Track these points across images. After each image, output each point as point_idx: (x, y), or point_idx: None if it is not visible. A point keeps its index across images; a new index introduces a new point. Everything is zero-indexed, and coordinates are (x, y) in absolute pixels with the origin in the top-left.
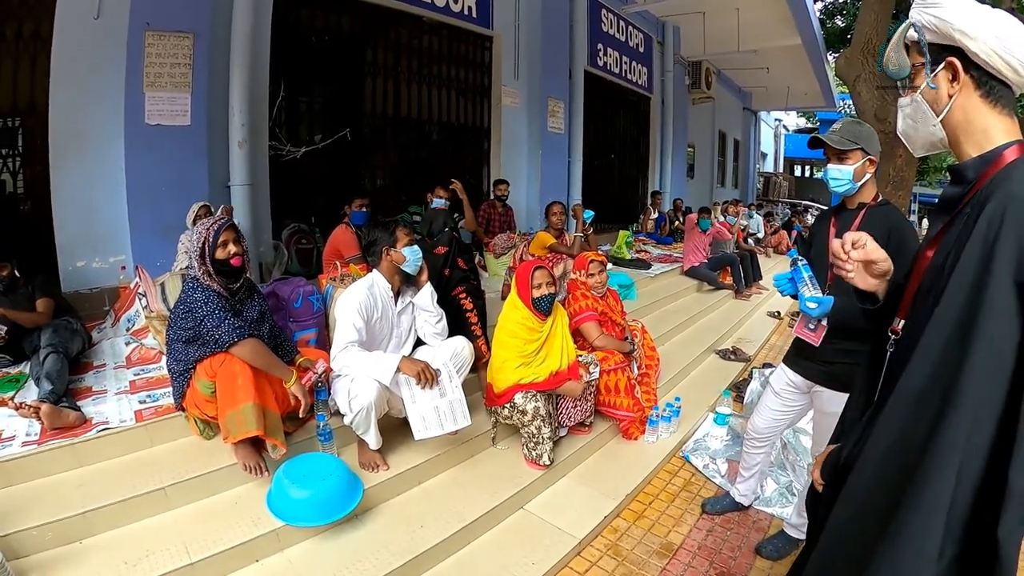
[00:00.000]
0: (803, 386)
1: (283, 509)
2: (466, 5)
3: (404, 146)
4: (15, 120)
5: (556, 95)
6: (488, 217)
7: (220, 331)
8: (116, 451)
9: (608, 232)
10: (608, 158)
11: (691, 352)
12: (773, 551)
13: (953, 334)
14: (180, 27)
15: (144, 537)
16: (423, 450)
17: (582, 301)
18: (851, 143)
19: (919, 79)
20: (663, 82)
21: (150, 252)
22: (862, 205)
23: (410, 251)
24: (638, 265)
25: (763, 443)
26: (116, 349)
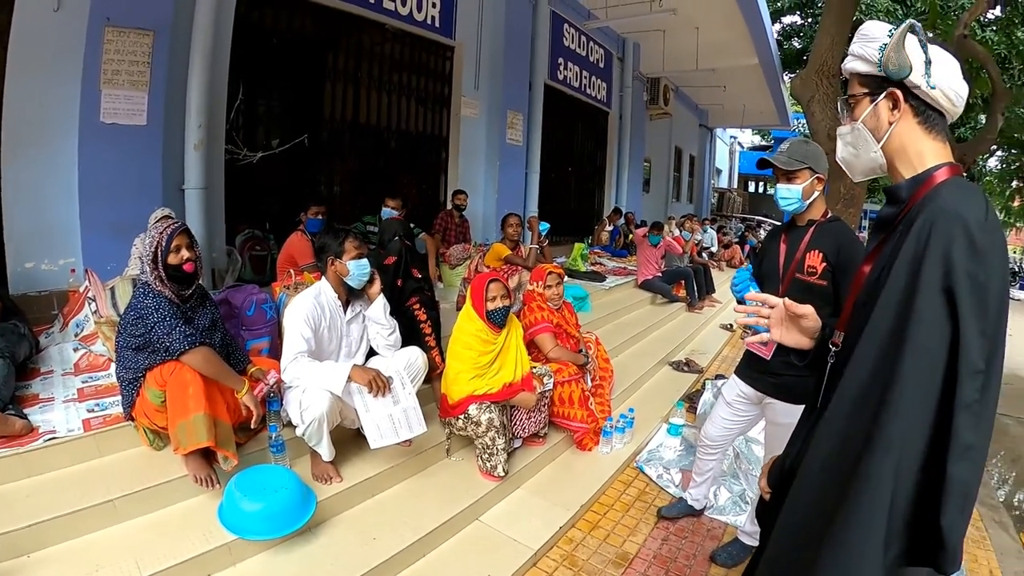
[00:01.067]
0: (754, 397)
1: (235, 522)
2: (429, 14)
3: (362, 153)
4: None
5: (516, 107)
6: (445, 227)
7: (171, 339)
8: (64, 461)
9: (564, 244)
10: (565, 171)
11: (645, 364)
12: (728, 558)
13: (886, 342)
14: (141, 24)
15: (93, 551)
16: (377, 462)
17: (537, 313)
18: (799, 163)
19: (860, 108)
20: (622, 97)
21: (101, 255)
22: (812, 222)
23: (355, 265)
24: (593, 278)
25: (715, 451)
26: (64, 355)
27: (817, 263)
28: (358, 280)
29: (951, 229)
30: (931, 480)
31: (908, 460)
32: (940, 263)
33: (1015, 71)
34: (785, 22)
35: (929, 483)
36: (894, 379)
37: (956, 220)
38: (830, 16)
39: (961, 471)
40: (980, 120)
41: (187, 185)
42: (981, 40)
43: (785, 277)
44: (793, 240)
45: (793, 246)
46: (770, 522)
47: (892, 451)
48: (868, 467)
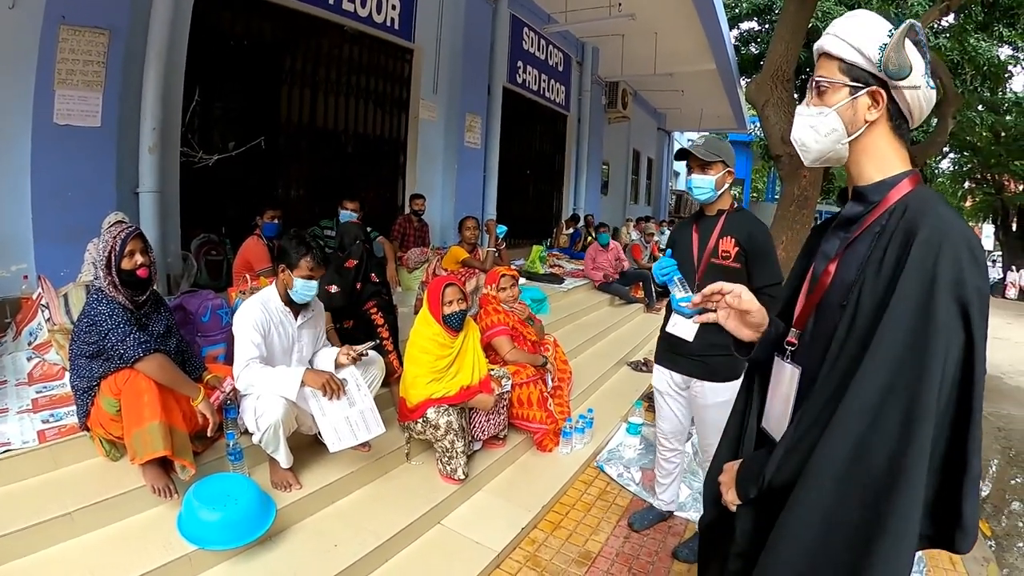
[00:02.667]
0: (681, 382)
1: (194, 532)
2: (389, 16)
3: (319, 157)
4: None
5: (474, 110)
6: (403, 231)
7: (125, 346)
8: (18, 474)
9: (522, 247)
10: (524, 174)
11: (603, 364)
12: (690, 554)
13: (907, 353)
14: (97, 23)
15: (50, 566)
16: (336, 467)
17: (494, 316)
18: (714, 156)
19: (834, 96)
20: (580, 101)
21: (54, 260)
22: (721, 211)
23: (303, 284)
24: (551, 280)
25: (673, 445)
26: (17, 364)
27: (730, 248)
28: (300, 297)
29: (960, 247)
30: (953, 473)
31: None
32: (953, 278)
33: (967, 76)
34: (743, 28)
35: (950, 476)
36: (921, 383)
37: (963, 239)
38: (785, 24)
39: (977, 462)
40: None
41: (141, 188)
42: (934, 47)
43: (700, 262)
44: (705, 228)
45: (706, 234)
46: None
47: (925, 452)
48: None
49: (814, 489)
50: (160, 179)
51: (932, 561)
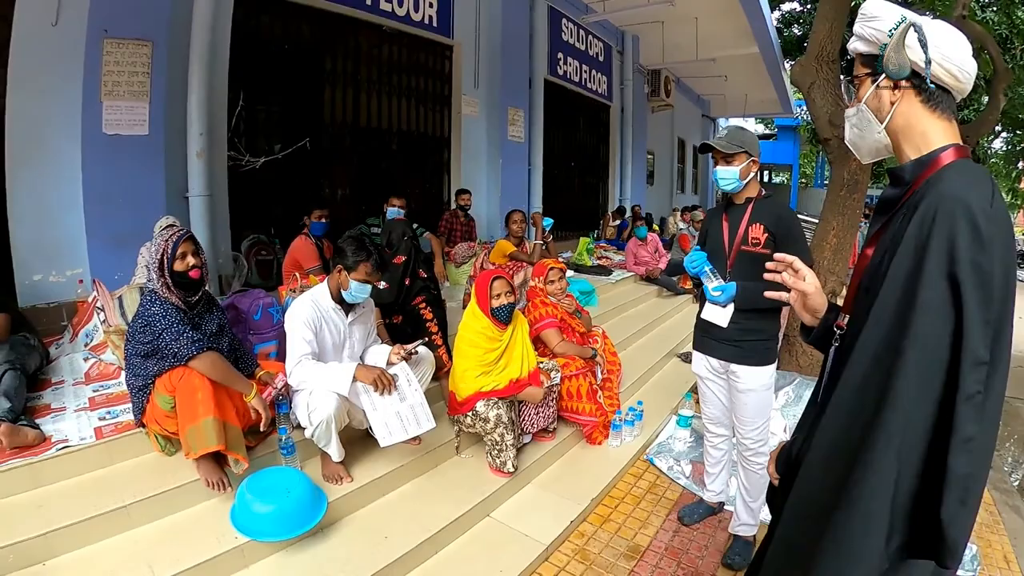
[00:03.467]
0: (719, 367)
1: (247, 524)
2: (426, 14)
3: (364, 156)
4: None
5: (516, 104)
6: (450, 227)
7: (178, 344)
8: (76, 470)
9: (569, 239)
10: (568, 166)
11: (652, 356)
12: (741, 560)
13: (889, 330)
14: (138, 35)
15: (107, 557)
16: (387, 461)
17: (542, 308)
18: (737, 147)
19: (863, 89)
20: (623, 90)
21: (107, 265)
22: (749, 199)
23: (357, 287)
24: (599, 271)
25: (720, 431)
26: (75, 365)
27: (760, 234)
28: (352, 299)
29: (956, 216)
30: (932, 472)
31: (909, 450)
32: (944, 251)
33: (1016, 51)
34: (784, 9)
35: (930, 475)
36: (896, 368)
37: (961, 207)
38: (827, 2)
39: (961, 464)
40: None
41: (191, 193)
42: (980, 21)
43: (731, 251)
44: (734, 217)
45: (735, 222)
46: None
47: (893, 440)
48: (869, 456)
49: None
50: (209, 183)
51: (987, 560)
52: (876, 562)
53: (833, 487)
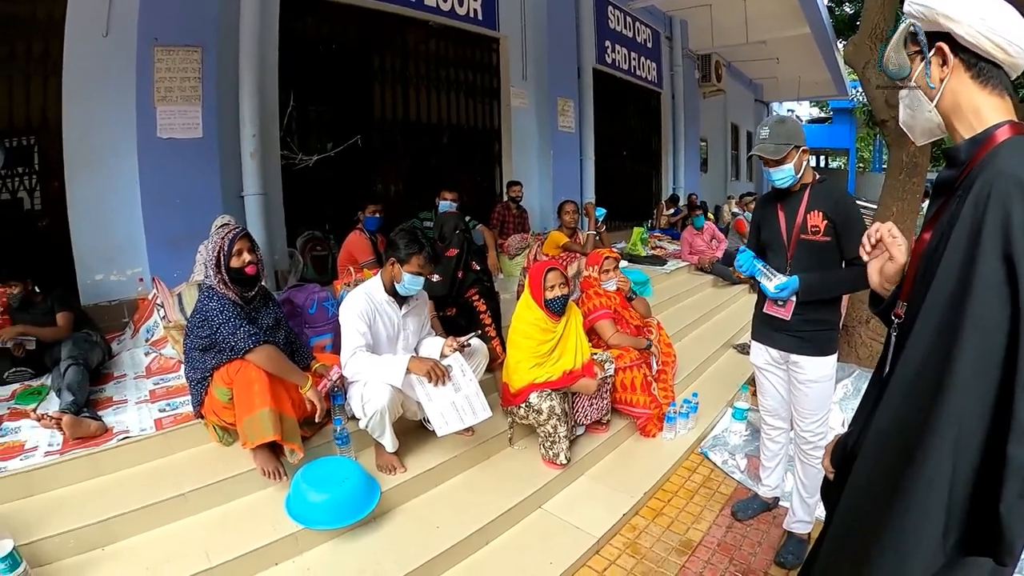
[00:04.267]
0: (779, 358)
1: (301, 513)
2: (471, 7)
3: (415, 151)
4: (30, 138)
5: (565, 94)
6: (503, 219)
7: (236, 338)
8: (137, 459)
9: (622, 229)
10: (620, 155)
11: (708, 347)
12: (794, 559)
13: (945, 314)
14: (188, 41)
15: (165, 543)
16: (440, 452)
17: (596, 299)
18: (783, 148)
19: (914, 71)
20: (673, 77)
21: (166, 263)
22: (804, 186)
23: (411, 279)
24: (653, 262)
25: (777, 424)
26: (136, 359)
27: (819, 222)
28: (406, 291)
29: (1011, 194)
30: (990, 462)
31: (967, 439)
32: (999, 231)
33: None
34: None
35: (988, 466)
36: (953, 353)
37: (1016, 184)
38: None
39: (1021, 454)
40: None
41: (246, 192)
42: None
43: (790, 241)
44: (790, 205)
45: (792, 211)
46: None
47: (950, 428)
48: (925, 446)
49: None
50: (263, 182)
51: None
52: (932, 558)
53: (888, 479)
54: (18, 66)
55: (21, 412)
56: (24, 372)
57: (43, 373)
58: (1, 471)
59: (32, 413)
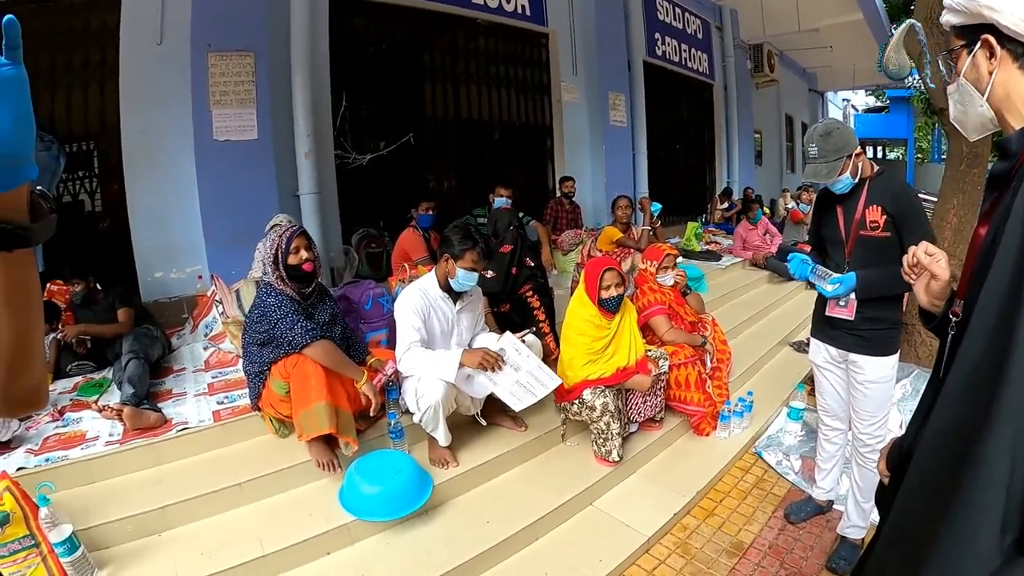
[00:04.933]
0: (838, 357)
1: (354, 504)
2: (519, 4)
3: (467, 148)
4: (90, 143)
5: (616, 88)
6: (555, 215)
7: (293, 333)
8: (194, 449)
9: (676, 224)
10: (673, 149)
11: (763, 345)
12: (845, 564)
13: (1001, 310)
14: (240, 46)
15: (220, 530)
16: (493, 447)
17: (651, 295)
18: (836, 162)
19: (960, 62)
20: (724, 68)
21: (224, 261)
22: (862, 180)
23: (464, 275)
24: (708, 257)
25: (835, 425)
26: (195, 354)
27: (878, 217)
28: (460, 287)
29: None
30: None
31: None
32: None
33: None
34: None
35: None
36: (1009, 348)
37: None
38: None
39: None
40: None
41: (301, 191)
42: None
43: (849, 237)
44: (848, 201)
45: (850, 206)
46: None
47: (1008, 425)
48: (982, 443)
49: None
50: (318, 181)
51: None
52: (989, 557)
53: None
54: (76, 75)
55: (83, 404)
56: (86, 365)
57: (105, 367)
58: (63, 459)
59: (93, 405)
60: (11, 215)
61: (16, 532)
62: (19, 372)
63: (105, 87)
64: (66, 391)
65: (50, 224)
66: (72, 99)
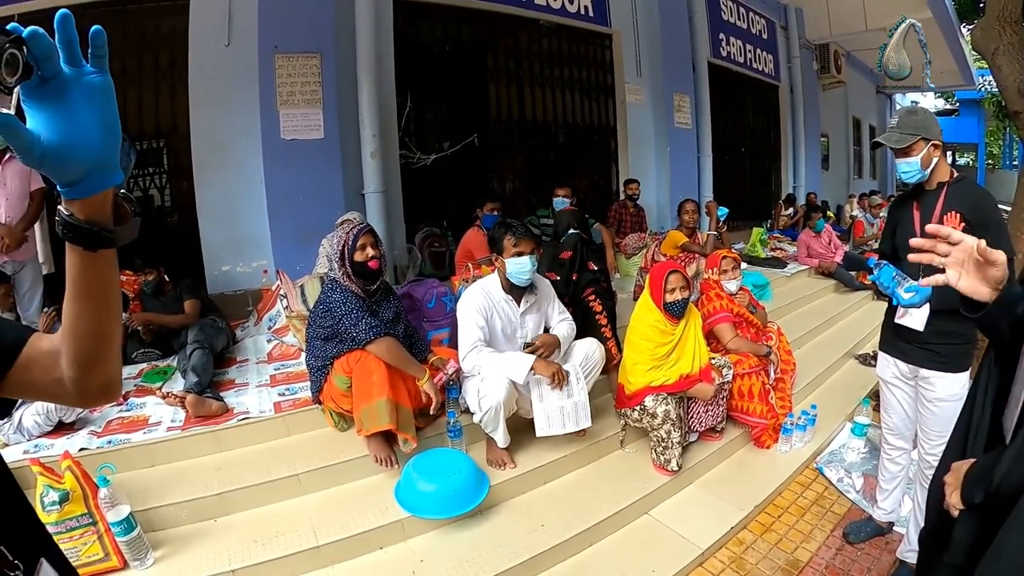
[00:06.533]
0: (908, 372)
1: (410, 501)
2: (582, 5)
3: (531, 149)
4: (160, 141)
5: (681, 89)
6: (619, 218)
7: (357, 329)
8: (254, 439)
9: (741, 229)
10: (738, 152)
11: (828, 357)
12: None
13: None
14: (307, 48)
15: (275, 519)
16: (551, 450)
17: (716, 302)
18: (911, 136)
19: None
20: (790, 68)
21: (289, 257)
22: (941, 184)
23: (513, 263)
24: (773, 264)
25: (900, 443)
26: (258, 346)
27: (956, 224)
28: (518, 279)
29: None
30: None
31: None
32: None
33: None
34: None
35: None
36: None
37: None
38: None
39: None
40: None
41: (367, 190)
42: None
43: None
44: (926, 205)
45: (928, 211)
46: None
47: None
48: None
49: None
50: (383, 180)
51: None
52: None
53: None
54: (147, 76)
55: (147, 390)
56: (152, 353)
57: (170, 355)
58: (125, 442)
59: (157, 392)
60: (97, 217)
61: (74, 510)
62: (95, 365)
63: (175, 88)
64: (130, 377)
65: (134, 227)
66: (143, 100)
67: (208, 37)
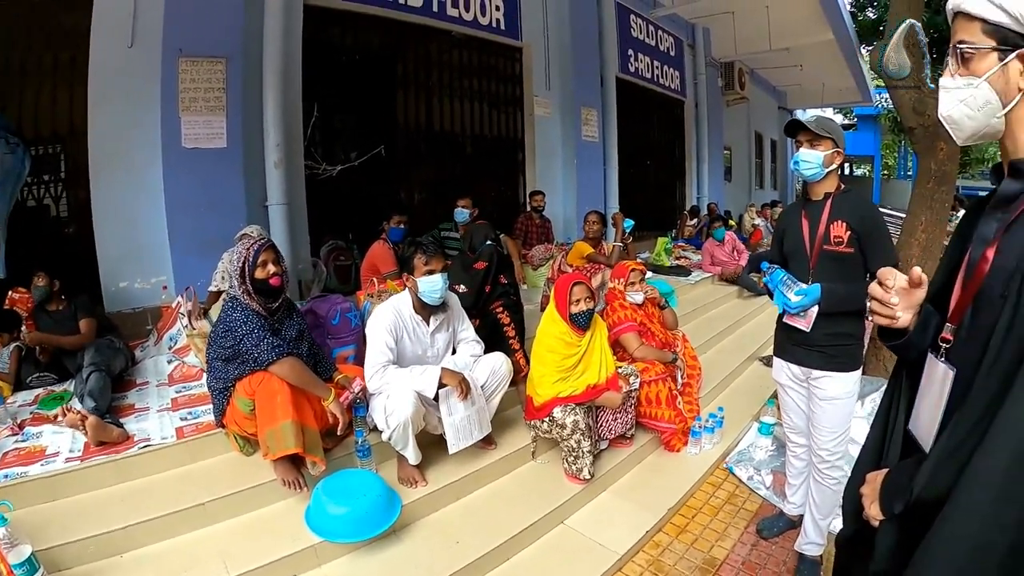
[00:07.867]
0: (801, 375)
1: (321, 525)
2: (494, 18)
3: (439, 160)
4: (56, 146)
5: (589, 103)
6: (526, 229)
7: (259, 350)
8: (158, 467)
9: (646, 240)
10: (644, 164)
11: (733, 360)
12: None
13: None
14: (212, 52)
15: (184, 551)
16: (463, 465)
17: (620, 312)
18: (826, 133)
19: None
20: (696, 85)
21: (190, 272)
22: (828, 194)
23: (424, 282)
24: (678, 272)
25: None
26: (159, 367)
27: (842, 232)
28: (429, 297)
29: None
30: None
31: None
32: None
33: None
34: None
35: None
36: None
37: None
38: None
39: None
40: None
41: (270, 202)
42: None
43: (813, 251)
44: (813, 214)
45: (815, 220)
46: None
47: None
48: None
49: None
50: (287, 192)
51: None
52: None
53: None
54: (45, 74)
55: (43, 417)
56: (48, 377)
57: (66, 378)
58: (22, 476)
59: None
60: None
61: None
62: None
63: (74, 89)
64: (26, 404)
65: None
66: (40, 100)
67: (111, 36)
